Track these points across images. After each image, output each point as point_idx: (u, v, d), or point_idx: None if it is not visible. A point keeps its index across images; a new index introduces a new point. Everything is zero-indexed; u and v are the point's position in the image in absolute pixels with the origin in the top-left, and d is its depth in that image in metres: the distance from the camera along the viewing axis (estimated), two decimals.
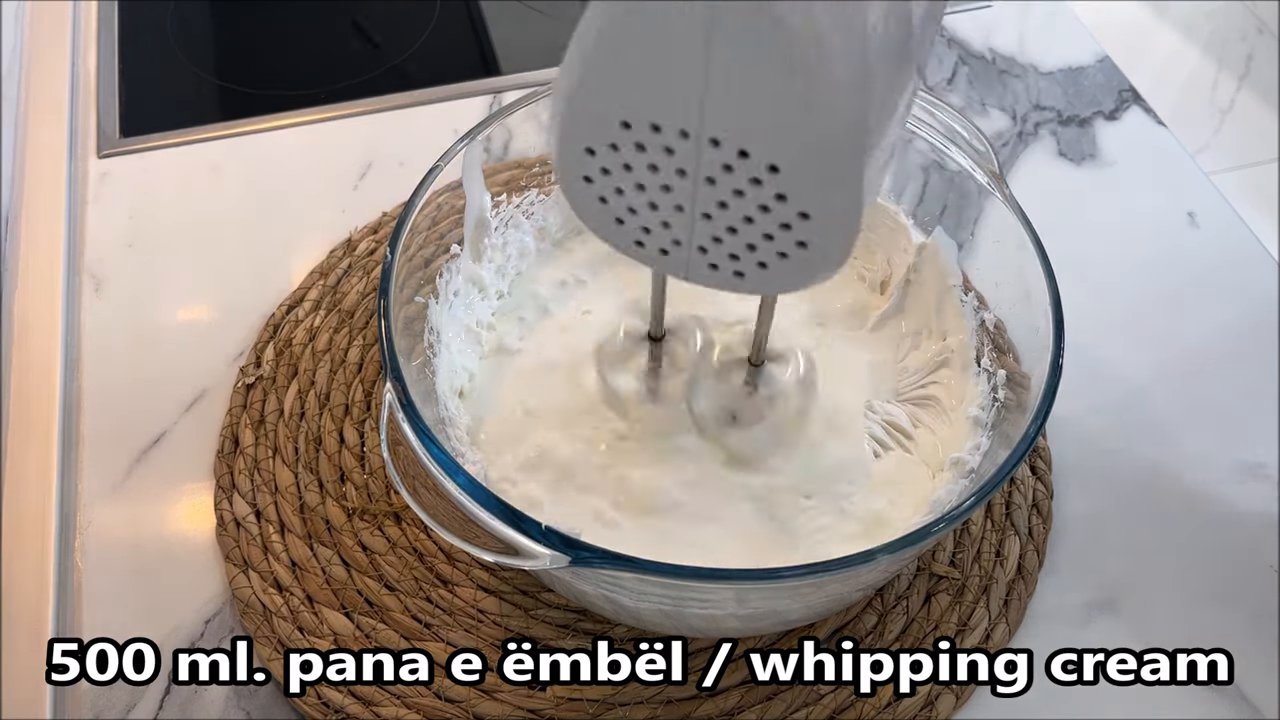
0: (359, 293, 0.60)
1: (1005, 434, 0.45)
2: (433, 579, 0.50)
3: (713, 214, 0.29)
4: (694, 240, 0.30)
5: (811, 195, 0.28)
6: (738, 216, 0.29)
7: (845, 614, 0.49)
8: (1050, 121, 0.71)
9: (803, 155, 0.27)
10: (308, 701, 0.46)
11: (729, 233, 0.30)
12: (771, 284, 0.31)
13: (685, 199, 0.29)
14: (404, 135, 0.68)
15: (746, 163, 0.28)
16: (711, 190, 0.29)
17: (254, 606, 0.49)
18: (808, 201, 0.28)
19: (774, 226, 0.29)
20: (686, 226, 0.30)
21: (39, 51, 0.73)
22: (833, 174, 0.27)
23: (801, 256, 0.29)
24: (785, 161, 0.27)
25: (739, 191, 0.28)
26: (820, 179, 0.27)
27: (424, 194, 0.47)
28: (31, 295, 0.60)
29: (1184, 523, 0.53)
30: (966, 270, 0.51)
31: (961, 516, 0.39)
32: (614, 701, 0.47)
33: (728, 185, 0.28)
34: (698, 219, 0.30)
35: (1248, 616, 0.50)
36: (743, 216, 0.29)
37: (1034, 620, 0.50)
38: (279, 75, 0.74)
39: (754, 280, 0.31)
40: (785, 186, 0.28)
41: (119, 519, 0.52)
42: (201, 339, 0.58)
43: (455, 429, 0.48)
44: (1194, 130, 1.61)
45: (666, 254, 0.32)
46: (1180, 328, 0.60)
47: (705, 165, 0.28)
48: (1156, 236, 0.64)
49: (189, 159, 0.67)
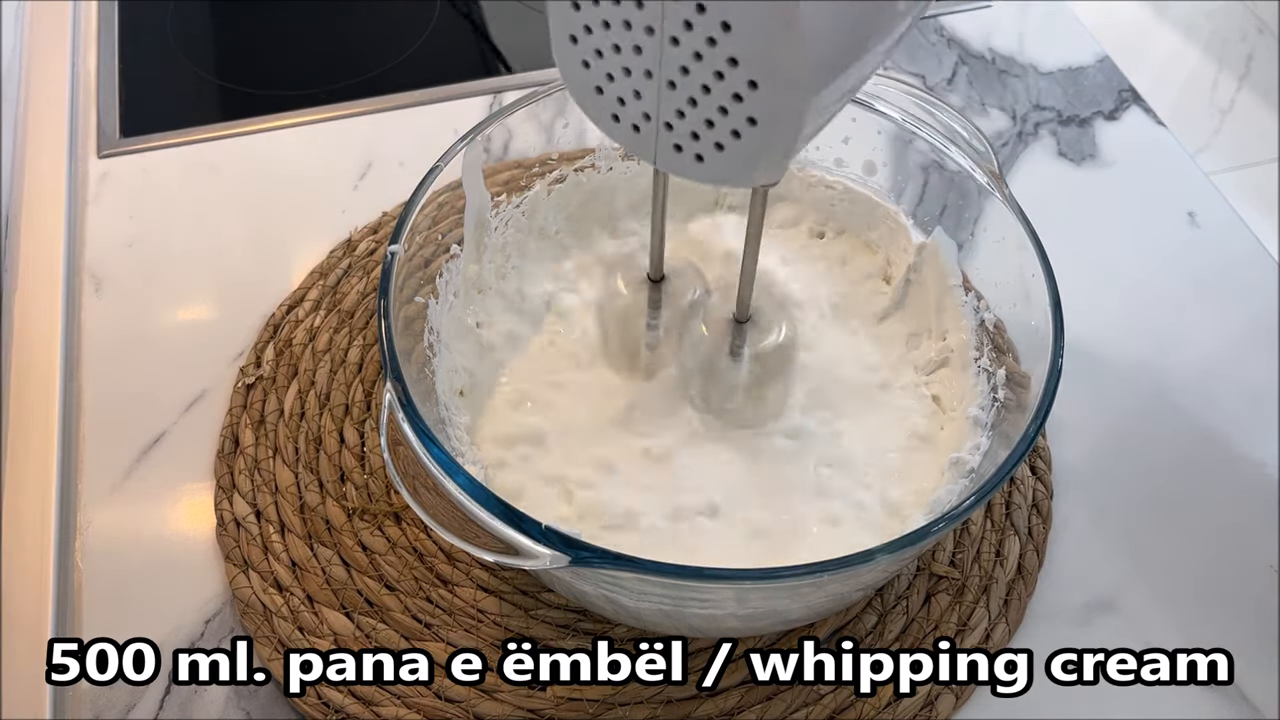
0: (359, 293, 0.60)
1: (1005, 434, 0.45)
2: (433, 579, 0.50)
3: (677, 82, 0.31)
4: (661, 114, 0.32)
5: (759, 59, 0.29)
6: (697, 85, 0.31)
7: (845, 614, 0.49)
8: (1050, 121, 0.71)
9: (750, 13, 0.28)
10: (308, 701, 0.46)
11: (690, 105, 0.31)
12: (726, 171, 0.33)
13: (653, 62, 0.31)
14: (404, 135, 0.68)
15: (703, 18, 0.29)
16: (675, 52, 0.31)
17: (254, 606, 0.49)
18: (756, 66, 0.29)
19: (727, 97, 0.30)
20: (654, 97, 0.32)
21: (39, 51, 0.73)
22: (778, 34, 0.28)
23: (751, 138, 0.31)
24: (735, 18, 0.29)
25: (698, 54, 0.30)
26: (766, 39, 0.29)
27: (424, 194, 0.47)
28: (31, 295, 0.60)
29: (1184, 523, 0.53)
30: (966, 270, 0.51)
31: (961, 516, 0.39)
32: (614, 701, 0.47)
33: (689, 46, 0.30)
34: (664, 87, 0.32)
35: (1248, 616, 0.50)
36: (701, 85, 0.31)
37: (1034, 620, 0.50)
38: (279, 75, 0.74)
39: (711, 166, 0.33)
40: (736, 48, 0.29)
41: (119, 519, 0.52)
42: (201, 339, 0.58)
43: (455, 429, 0.48)
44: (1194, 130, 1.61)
45: (638, 131, 0.34)
46: (1180, 327, 0.60)
47: (669, 21, 0.30)
48: (1156, 236, 0.64)
49: (189, 159, 0.67)
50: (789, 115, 0.30)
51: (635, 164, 0.56)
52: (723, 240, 0.56)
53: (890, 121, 0.52)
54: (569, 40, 0.33)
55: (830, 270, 0.56)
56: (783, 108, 0.30)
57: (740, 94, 0.30)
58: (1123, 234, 0.65)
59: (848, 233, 0.57)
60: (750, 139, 0.31)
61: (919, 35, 0.75)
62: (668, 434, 0.49)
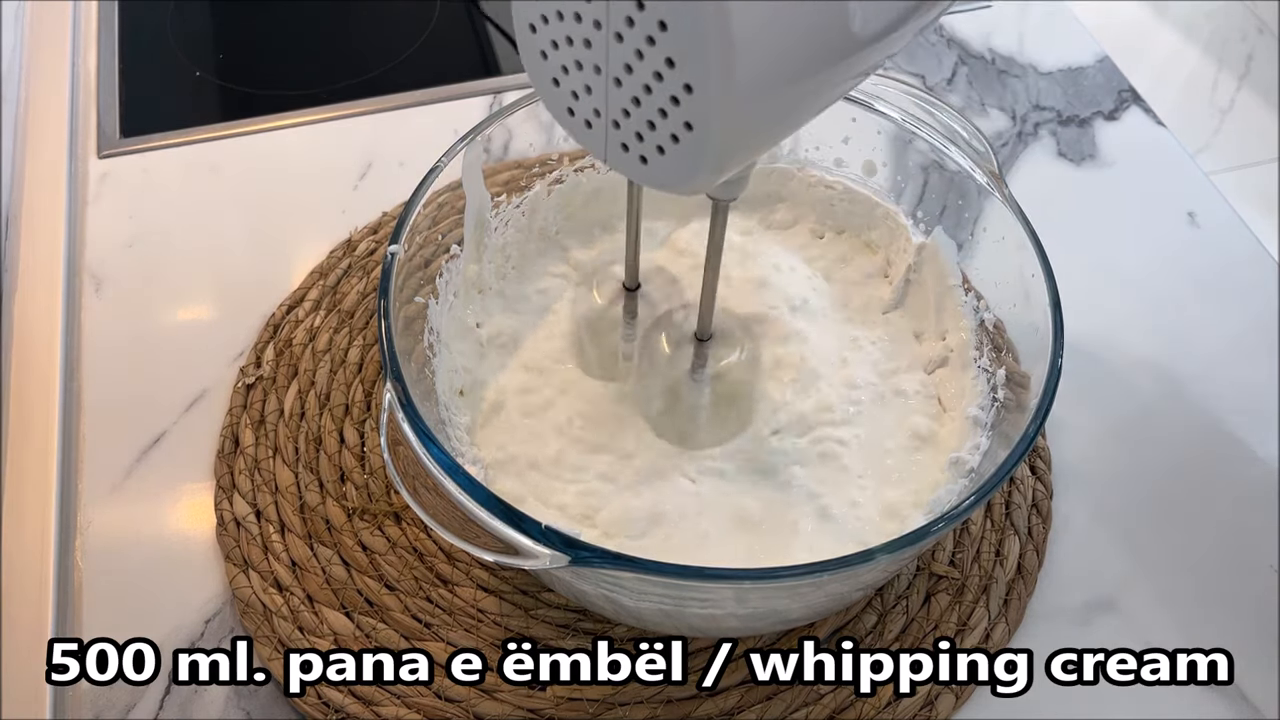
0: (359, 293, 0.60)
1: (1005, 434, 0.45)
2: (433, 579, 0.50)
3: (622, 79, 0.32)
4: (609, 112, 0.33)
5: (693, 62, 0.29)
6: (639, 84, 0.31)
7: (845, 614, 0.49)
8: (1050, 121, 0.71)
9: (684, 13, 0.29)
10: (308, 701, 0.46)
11: (634, 104, 0.32)
12: (666, 175, 0.33)
13: (601, 58, 0.32)
14: (404, 135, 0.68)
15: (643, 16, 0.30)
16: (620, 49, 0.31)
17: (254, 606, 0.49)
18: (690, 69, 0.30)
19: (666, 100, 0.31)
20: (603, 93, 0.33)
21: (39, 51, 0.73)
22: (710, 36, 0.29)
23: (687, 144, 0.31)
24: (670, 17, 0.29)
25: (639, 53, 0.31)
26: (699, 40, 0.29)
27: (424, 193, 0.47)
28: (31, 295, 0.60)
29: (1184, 522, 0.53)
30: (966, 270, 0.52)
31: (961, 516, 0.39)
32: (614, 701, 0.47)
33: (630, 44, 0.31)
34: (611, 86, 0.32)
35: (1248, 616, 0.50)
36: (643, 85, 0.31)
37: (1034, 620, 0.50)
38: (279, 75, 0.74)
39: (654, 169, 0.33)
40: (672, 48, 0.30)
41: (119, 519, 0.52)
42: (201, 339, 0.58)
43: (455, 429, 0.48)
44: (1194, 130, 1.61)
45: (590, 127, 0.34)
46: (1180, 327, 0.60)
47: (613, 17, 0.31)
48: (1156, 236, 0.64)
49: (189, 159, 0.67)
50: (721, 124, 0.30)
51: None
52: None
53: (890, 121, 0.52)
54: (529, 29, 0.34)
55: (830, 270, 0.56)
56: (715, 116, 0.30)
57: (677, 97, 0.31)
58: (1123, 234, 0.65)
59: (848, 233, 0.57)
60: (686, 145, 0.32)
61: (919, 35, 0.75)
62: (640, 450, 0.48)
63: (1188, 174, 0.68)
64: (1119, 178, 0.68)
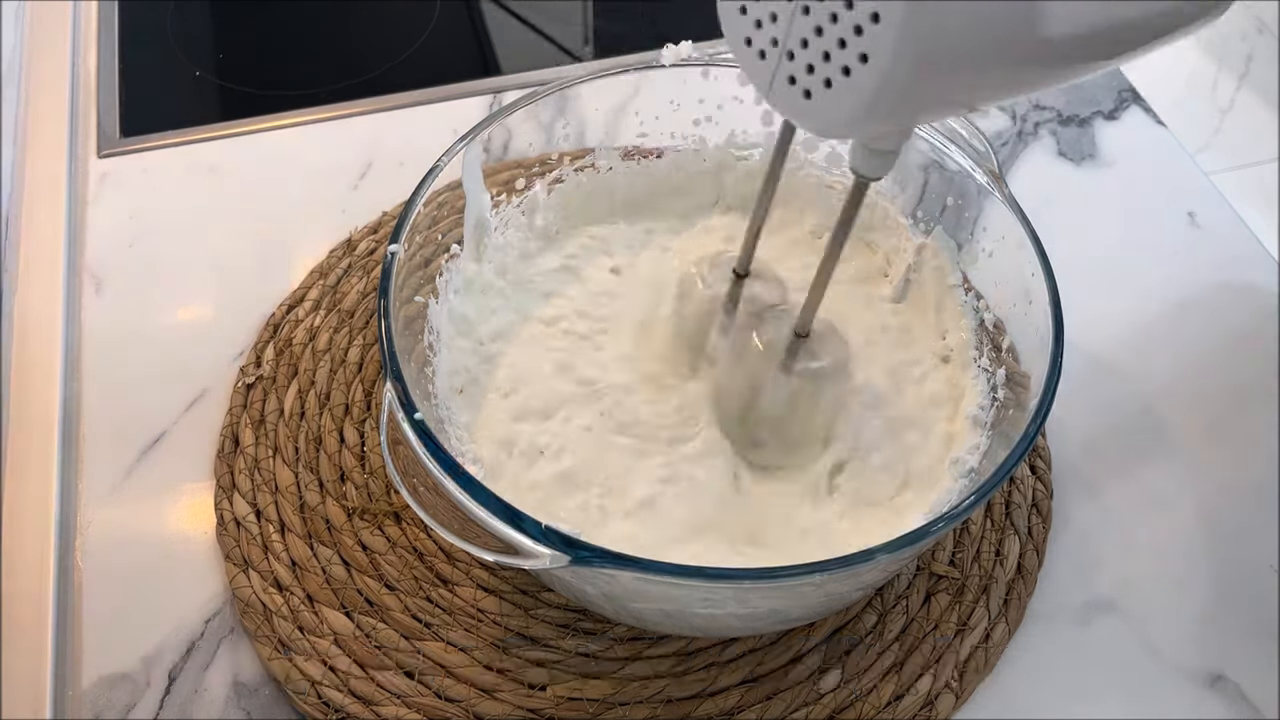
0: (359, 293, 0.60)
1: (1005, 434, 0.45)
2: (433, 578, 0.50)
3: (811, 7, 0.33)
4: (788, 41, 0.34)
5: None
6: (827, 13, 0.32)
7: (845, 613, 0.49)
8: (1050, 121, 0.71)
9: None
10: (308, 701, 0.46)
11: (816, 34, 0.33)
12: (825, 112, 0.34)
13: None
14: (404, 135, 0.68)
15: None
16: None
17: (254, 606, 0.49)
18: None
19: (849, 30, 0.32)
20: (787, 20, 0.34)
21: (39, 51, 0.73)
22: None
23: (859, 77, 0.32)
24: None
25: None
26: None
27: (424, 193, 0.47)
28: (31, 295, 0.60)
29: (1184, 522, 0.53)
30: (966, 270, 0.51)
31: (961, 516, 0.39)
32: (614, 701, 0.47)
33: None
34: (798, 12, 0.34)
35: (1248, 616, 0.50)
36: (830, 13, 0.32)
37: (1034, 620, 0.50)
38: (279, 75, 0.74)
39: (816, 104, 0.34)
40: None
41: (119, 519, 0.52)
42: (201, 339, 0.59)
43: (455, 429, 0.48)
44: (1194, 130, 1.61)
45: (764, 57, 0.35)
46: (1180, 327, 0.60)
47: None
48: (1156, 236, 0.64)
49: (189, 159, 0.67)
50: (895, 64, 0.31)
51: (635, 163, 0.56)
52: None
53: None
54: None
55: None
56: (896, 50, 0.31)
57: (861, 26, 0.32)
58: (1123, 234, 0.65)
59: None
60: (856, 79, 0.32)
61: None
62: (679, 447, 0.48)
63: (1188, 174, 0.68)
64: (1119, 177, 0.68)
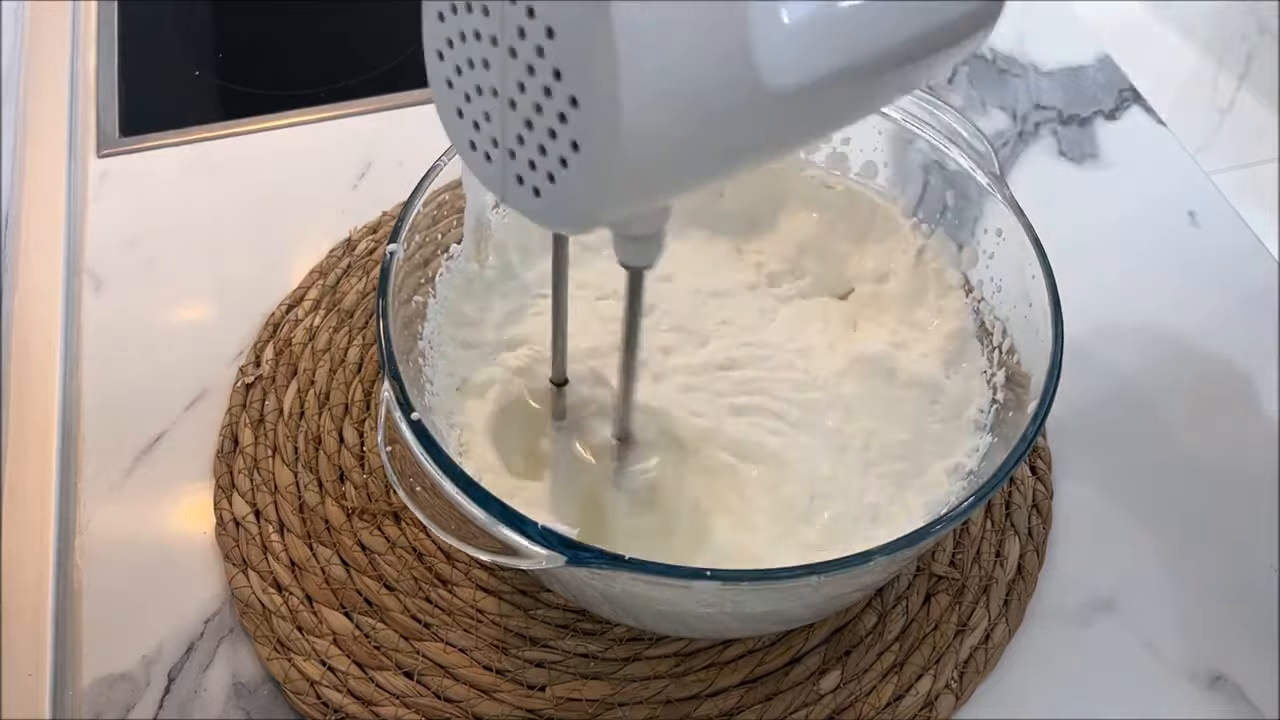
0: (359, 292, 0.60)
1: (1005, 434, 0.45)
2: (432, 579, 0.50)
3: (516, 100, 0.31)
4: (505, 139, 0.32)
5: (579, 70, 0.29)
6: (531, 104, 0.30)
7: (845, 614, 0.49)
8: (1051, 121, 0.70)
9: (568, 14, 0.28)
10: (306, 701, 0.46)
11: (527, 128, 0.31)
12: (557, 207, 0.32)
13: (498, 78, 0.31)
14: (404, 135, 0.68)
15: (533, 24, 0.29)
16: (514, 65, 0.30)
17: (253, 606, 0.49)
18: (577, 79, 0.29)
19: (555, 118, 0.30)
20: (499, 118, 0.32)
21: (39, 51, 0.73)
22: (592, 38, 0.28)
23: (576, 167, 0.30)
24: (556, 21, 0.28)
25: (531, 68, 0.30)
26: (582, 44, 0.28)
27: (424, 193, 0.47)
28: (31, 295, 0.60)
29: (1184, 522, 0.53)
30: (966, 270, 0.51)
31: (961, 517, 0.39)
32: (614, 701, 0.47)
33: (523, 59, 0.30)
34: (506, 108, 0.31)
35: (1248, 616, 0.50)
36: (534, 103, 0.30)
37: (1034, 620, 0.50)
38: (279, 75, 0.74)
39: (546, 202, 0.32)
40: (560, 58, 0.29)
41: (119, 519, 0.52)
42: (201, 339, 0.58)
43: (453, 429, 0.48)
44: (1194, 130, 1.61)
45: (490, 161, 0.33)
46: (1180, 327, 0.60)
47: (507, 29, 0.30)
48: (1156, 236, 0.64)
49: (189, 159, 0.67)
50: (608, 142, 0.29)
51: None
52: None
53: (890, 121, 0.51)
54: (437, 56, 0.33)
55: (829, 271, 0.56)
56: (601, 132, 0.29)
57: (565, 114, 0.29)
58: (1123, 234, 0.65)
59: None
60: (574, 169, 0.30)
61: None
62: None
63: (1188, 173, 0.68)
64: (1120, 177, 0.68)
